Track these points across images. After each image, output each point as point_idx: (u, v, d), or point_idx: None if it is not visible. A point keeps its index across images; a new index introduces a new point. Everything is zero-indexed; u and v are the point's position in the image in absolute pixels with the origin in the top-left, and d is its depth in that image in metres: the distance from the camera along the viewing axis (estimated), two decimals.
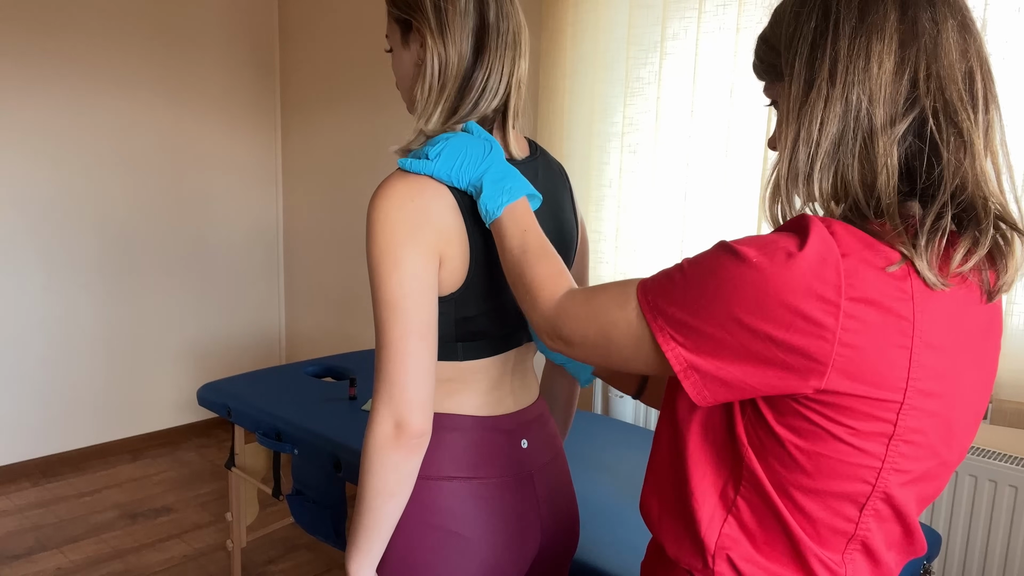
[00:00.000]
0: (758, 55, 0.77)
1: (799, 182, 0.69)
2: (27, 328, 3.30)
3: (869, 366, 0.63)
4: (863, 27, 0.66)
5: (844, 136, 0.67)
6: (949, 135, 0.66)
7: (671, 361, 0.68)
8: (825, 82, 0.67)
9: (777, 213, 0.71)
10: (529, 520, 1.05)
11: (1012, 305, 1.74)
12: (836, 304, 0.62)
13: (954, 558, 1.87)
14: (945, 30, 0.66)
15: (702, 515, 0.75)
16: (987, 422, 1.83)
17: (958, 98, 0.66)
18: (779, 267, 0.63)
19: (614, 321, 0.73)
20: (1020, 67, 1.69)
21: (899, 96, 0.66)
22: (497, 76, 0.95)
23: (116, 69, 3.44)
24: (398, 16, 0.98)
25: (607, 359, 0.76)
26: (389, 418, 0.88)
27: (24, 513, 3.01)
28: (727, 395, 0.68)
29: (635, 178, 2.47)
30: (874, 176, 0.66)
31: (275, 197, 4.15)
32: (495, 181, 0.89)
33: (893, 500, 0.71)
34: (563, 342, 0.79)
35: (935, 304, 0.65)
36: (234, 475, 2.35)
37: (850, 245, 0.64)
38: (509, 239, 0.87)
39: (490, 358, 1.01)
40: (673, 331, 0.68)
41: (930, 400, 0.67)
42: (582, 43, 2.56)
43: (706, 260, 0.68)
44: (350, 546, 0.95)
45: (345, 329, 3.86)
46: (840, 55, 0.66)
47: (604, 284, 0.77)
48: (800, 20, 0.70)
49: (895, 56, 0.66)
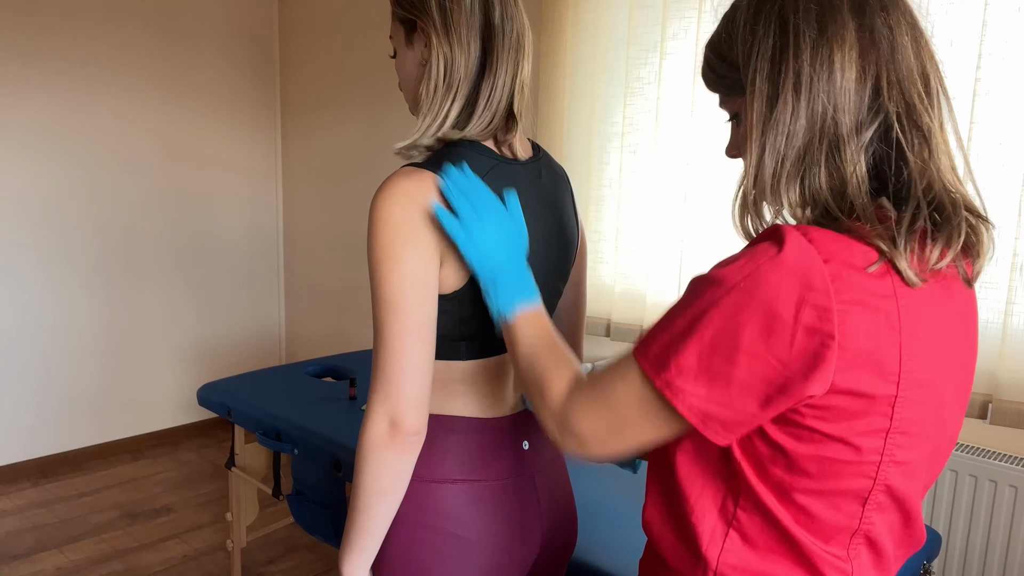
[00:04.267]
0: (712, 68, 0.76)
1: (767, 193, 0.69)
2: (27, 328, 3.30)
3: (865, 364, 0.64)
4: (823, 39, 0.67)
5: (811, 146, 0.67)
6: (913, 137, 0.67)
7: (686, 415, 0.67)
8: (790, 95, 0.67)
9: (748, 225, 0.72)
10: (530, 522, 1.04)
11: (1012, 305, 1.74)
12: (830, 309, 0.62)
13: (954, 558, 1.87)
14: (899, 34, 0.67)
15: (702, 531, 0.75)
16: (987, 422, 1.83)
17: (918, 99, 0.67)
18: (765, 284, 0.63)
19: (621, 396, 0.71)
20: (1020, 67, 1.69)
21: (863, 103, 0.67)
22: (502, 78, 0.95)
23: (116, 69, 3.44)
24: (402, 16, 0.98)
25: (624, 441, 0.72)
26: (384, 416, 0.88)
27: (24, 513, 3.01)
28: (746, 430, 0.68)
29: (635, 178, 2.47)
30: (844, 183, 0.67)
31: (275, 197, 4.15)
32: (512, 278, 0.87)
33: (894, 491, 0.72)
34: (575, 438, 0.75)
35: (915, 297, 0.67)
36: (234, 475, 2.35)
37: (830, 249, 0.64)
38: (520, 344, 0.85)
39: (493, 358, 1.01)
40: (681, 383, 0.66)
41: (921, 390, 0.68)
42: (582, 43, 2.56)
43: (691, 301, 0.67)
44: (344, 545, 0.95)
45: (345, 329, 3.86)
46: (803, 68, 0.67)
47: (606, 368, 0.76)
48: (757, 36, 0.70)
49: (856, 65, 0.66)
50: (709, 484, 0.75)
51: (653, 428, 0.70)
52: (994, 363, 1.79)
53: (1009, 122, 1.71)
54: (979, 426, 1.91)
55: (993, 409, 1.78)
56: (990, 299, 1.79)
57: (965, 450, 1.87)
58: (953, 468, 1.85)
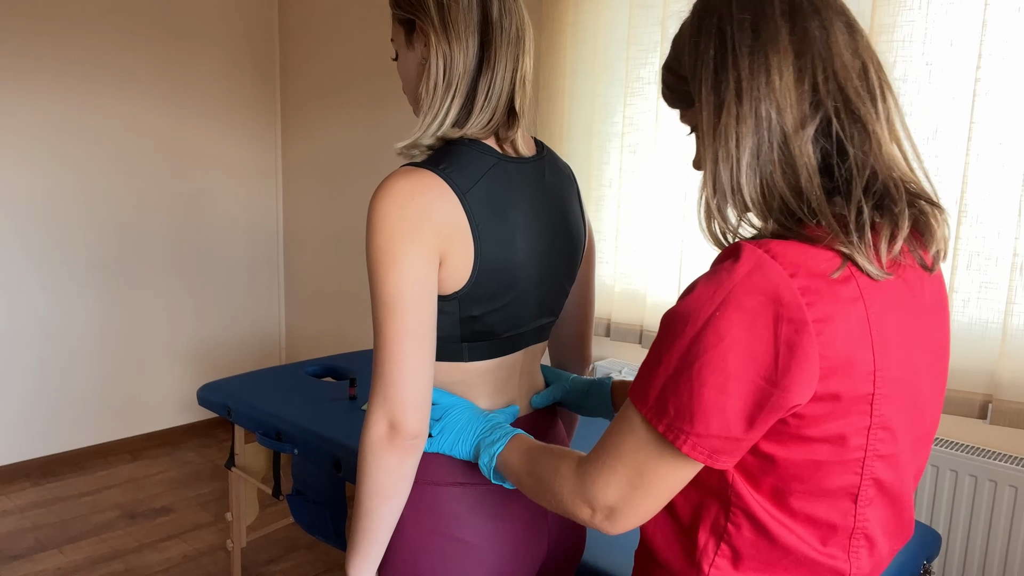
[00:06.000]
0: (667, 85, 0.80)
1: (728, 197, 0.71)
2: (27, 328, 3.30)
3: (843, 369, 0.66)
4: (759, 45, 0.70)
5: (761, 147, 0.70)
6: (853, 130, 0.70)
7: (692, 455, 0.68)
8: (733, 102, 0.70)
9: (716, 231, 0.74)
10: (537, 526, 1.04)
11: (1012, 305, 1.74)
12: (805, 322, 0.64)
13: (954, 558, 1.87)
14: (834, 33, 0.71)
15: (694, 546, 0.77)
16: (987, 422, 1.83)
17: (855, 94, 0.70)
18: (739, 310, 0.65)
19: (632, 448, 0.71)
20: (1020, 67, 1.69)
21: (804, 101, 0.70)
22: (502, 74, 0.94)
23: (116, 69, 3.44)
24: (401, 17, 0.98)
25: (651, 494, 0.72)
26: (384, 418, 0.88)
27: (24, 513, 3.01)
28: (746, 450, 0.70)
29: (635, 178, 2.47)
30: (797, 177, 0.69)
31: (275, 197, 4.15)
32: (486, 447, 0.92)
33: (883, 484, 0.74)
34: (605, 511, 0.73)
35: (881, 294, 0.69)
36: (234, 475, 2.35)
37: (794, 263, 0.66)
38: (515, 473, 0.87)
39: (497, 359, 1.00)
40: (681, 423, 0.67)
41: (896, 384, 0.70)
42: (582, 43, 2.56)
43: (673, 340, 0.68)
44: (349, 549, 0.95)
45: (345, 329, 3.86)
46: (742, 75, 0.70)
47: (608, 428, 0.76)
48: (700, 48, 0.73)
49: (793, 66, 0.69)
50: (698, 499, 0.77)
51: (671, 472, 0.71)
52: (994, 363, 1.79)
53: (1009, 122, 1.71)
54: (979, 426, 1.91)
55: (993, 409, 1.78)
56: (990, 299, 1.79)
57: (965, 450, 1.87)
58: (953, 468, 1.85)
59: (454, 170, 0.91)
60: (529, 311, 1.01)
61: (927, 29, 1.80)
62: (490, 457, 0.90)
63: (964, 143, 1.79)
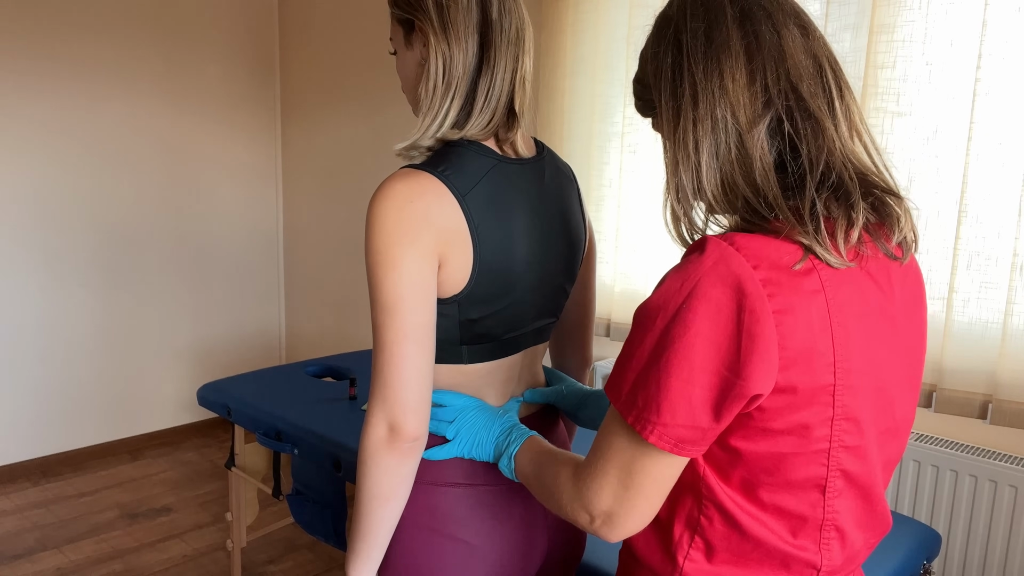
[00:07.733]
0: (636, 95, 0.83)
1: (690, 197, 0.74)
2: (27, 328, 3.30)
3: (804, 360, 0.68)
4: (712, 51, 0.72)
5: (719, 147, 0.72)
6: (806, 127, 0.72)
7: (657, 444, 0.68)
8: (690, 106, 0.73)
9: (683, 231, 0.76)
10: (536, 527, 1.04)
11: (1012, 305, 1.74)
12: (767, 313, 0.65)
13: (954, 558, 1.87)
14: (786, 35, 0.73)
15: (670, 539, 0.78)
16: (987, 422, 1.83)
17: (810, 93, 0.72)
18: (704, 301, 0.66)
19: (616, 448, 0.72)
20: (1020, 67, 1.69)
21: (756, 101, 0.72)
22: (502, 74, 0.94)
23: (116, 69, 3.44)
24: (400, 16, 0.97)
25: (643, 495, 0.72)
26: (383, 421, 0.88)
27: (24, 513, 3.01)
28: (711, 441, 0.71)
29: (635, 178, 2.47)
30: (753, 173, 0.71)
31: (275, 197, 4.15)
32: (503, 449, 0.93)
33: (850, 476, 0.75)
34: (603, 516, 0.74)
35: (844, 287, 0.70)
36: (234, 475, 2.35)
37: (757, 255, 0.67)
38: (526, 477, 0.89)
39: (496, 361, 1.00)
40: (648, 414, 0.68)
41: (858, 376, 0.71)
42: (582, 43, 2.56)
43: (643, 335, 0.70)
44: (349, 550, 0.95)
45: (345, 329, 3.86)
46: (697, 79, 0.72)
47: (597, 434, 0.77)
48: (659, 58, 0.76)
49: (745, 69, 0.72)
50: (678, 493, 0.78)
51: (654, 466, 0.71)
52: (994, 363, 1.79)
53: (1009, 122, 1.71)
54: (979, 426, 1.91)
55: (993, 409, 1.78)
56: (990, 299, 1.79)
57: (965, 450, 1.87)
58: (953, 468, 1.85)
59: (453, 172, 0.91)
60: (529, 313, 1.01)
61: (927, 29, 1.80)
62: (508, 459, 0.92)
63: (964, 143, 1.79)
